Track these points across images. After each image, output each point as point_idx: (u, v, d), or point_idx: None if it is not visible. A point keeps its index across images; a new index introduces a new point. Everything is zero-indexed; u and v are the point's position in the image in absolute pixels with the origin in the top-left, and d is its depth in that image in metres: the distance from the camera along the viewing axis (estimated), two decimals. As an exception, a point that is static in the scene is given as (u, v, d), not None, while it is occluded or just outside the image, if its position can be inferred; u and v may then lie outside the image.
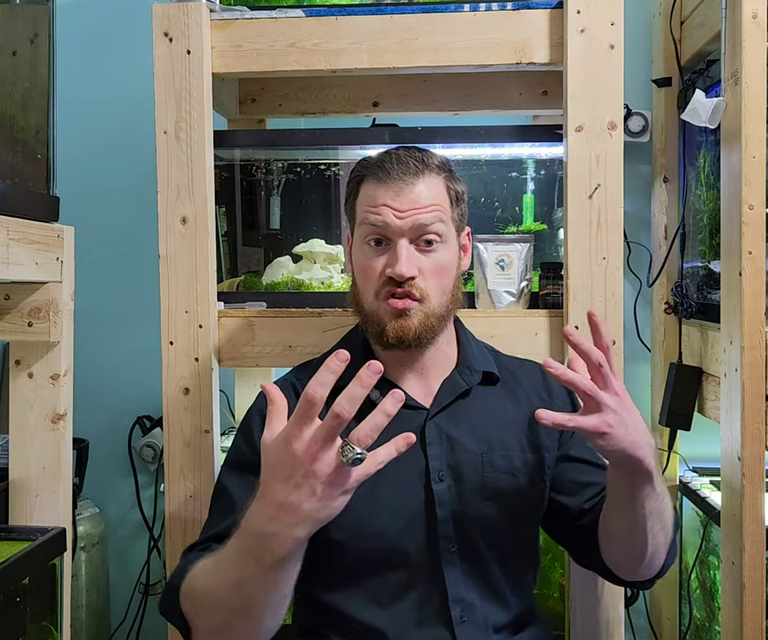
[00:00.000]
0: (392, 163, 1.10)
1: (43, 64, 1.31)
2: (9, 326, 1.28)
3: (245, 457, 1.12)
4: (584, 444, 1.18)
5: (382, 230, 1.10)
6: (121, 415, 2.04)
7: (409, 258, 1.08)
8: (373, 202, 1.10)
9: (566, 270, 1.41)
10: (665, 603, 1.90)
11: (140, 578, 2.02)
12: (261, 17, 1.44)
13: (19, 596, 1.19)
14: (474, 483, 1.11)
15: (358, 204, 1.15)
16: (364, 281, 1.13)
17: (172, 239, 1.43)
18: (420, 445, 1.11)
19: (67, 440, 1.32)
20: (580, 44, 1.38)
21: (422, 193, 1.10)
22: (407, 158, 1.11)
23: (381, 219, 1.09)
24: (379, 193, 1.10)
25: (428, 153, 1.14)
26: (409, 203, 1.09)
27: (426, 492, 1.10)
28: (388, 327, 1.10)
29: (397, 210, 1.09)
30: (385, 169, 1.10)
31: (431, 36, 1.42)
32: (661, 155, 1.88)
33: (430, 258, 1.11)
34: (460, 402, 1.16)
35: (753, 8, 1.40)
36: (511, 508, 1.11)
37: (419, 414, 1.14)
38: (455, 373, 1.18)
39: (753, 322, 1.41)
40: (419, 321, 1.09)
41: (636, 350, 1.91)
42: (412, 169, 1.10)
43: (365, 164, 1.15)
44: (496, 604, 1.11)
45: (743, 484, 1.42)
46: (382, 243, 1.11)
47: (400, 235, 1.09)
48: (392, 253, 1.09)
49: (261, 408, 1.15)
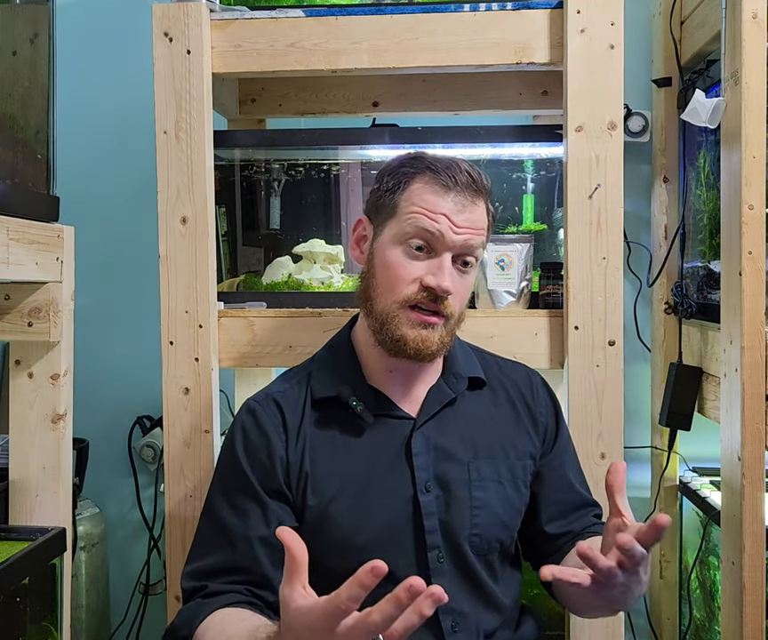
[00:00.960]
0: (462, 173, 1.06)
1: (43, 64, 1.31)
2: (9, 326, 1.28)
3: (233, 480, 1.10)
4: (568, 462, 1.20)
5: (432, 238, 1.05)
6: (121, 415, 2.03)
7: (452, 274, 1.06)
8: (432, 206, 1.05)
9: (566, 270, 1.41)
10: (665, 603, 1.90)
11: (139, 578, 2.01)
12: (261, 17, 1.44)
13: (19, 596, 1.18)
14: (461, 492, 1.10)
15: (405, 199, 1.07)
16: (389, 281, 1.07)
17: (172, 239, 1.43)
18: (406, 456, 1.10)
19: (67, 440, 1.32)
20: (580, 44, 1.38)
21: (479, 215, 1.08)
22: (474, 173, 1.07)
23: (438, 227, 1.04)
24: (439, 200, 1.05)
25: (481, 172, 1.09)
26: (468, 221, 1.06)
27: (413, 503, 1.08)
28: (409, 337, 1.06)
29: (456, 225, 1.05)
30: (453, 178, 1.05)
31: (431, 36, 1.42)
32: (661, 155, 1.88)
33: (463, 279, 1.09)
34: (446, 409, 1.14)
35: (753, 8, 1.40)
36: (498, 515, 1.11)
37: (405, 424, 1.12)
38: (441, 381, 1.16)
39: (753, 322, 1.41)
40: (440, 337, 1.07)
41: (636, 350, 1.91)
42: (475, 187, 1.07)
43: (427, 163, 1.07)
44: (487, 609, 1.11)
45: (743, 483, 1.42)
46: (423, 250, 1.06)
47: (449, 249, 1.06)
48: (435, 265, 1.05)
49: (242, 428, 1.12)
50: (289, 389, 1.16)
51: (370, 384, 1.13)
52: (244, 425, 1.12)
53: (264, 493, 1.07)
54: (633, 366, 1.91)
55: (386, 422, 1.12)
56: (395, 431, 1.11)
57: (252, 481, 1.08)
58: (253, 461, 1.09)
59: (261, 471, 1.08)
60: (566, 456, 1.22)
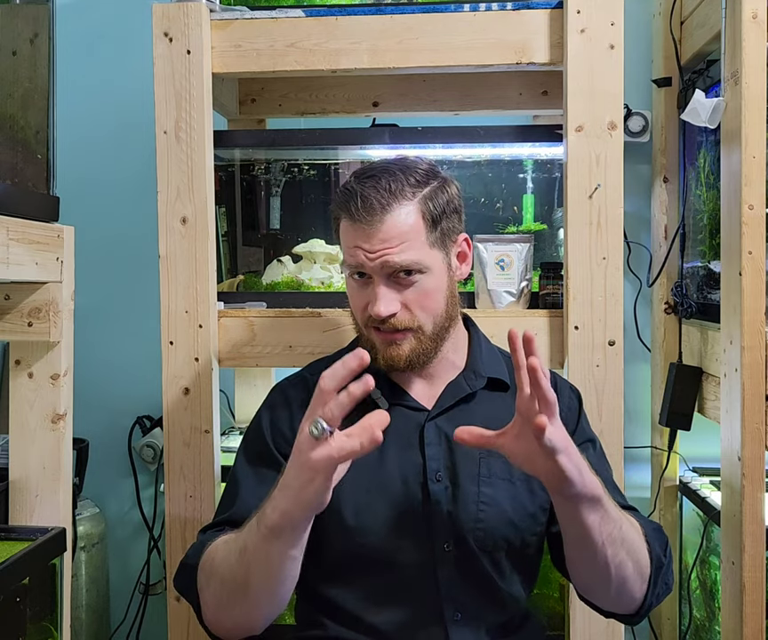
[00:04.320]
0: (357, 203, 1.07)
1: (43, 64, 1.31)
2: (9, 326, 1.27)
3: (254, 447, 1.16)
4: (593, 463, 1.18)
5: (360, 269, 1.09)
6: (121, 415, 2.03)
7: (385, 296, 1.07)
8: (348, 243, 1.09)
9: (566, 270, 1.41)
10: (665, 603, 1.89)
11: (139, 578, 2.01)
12: (261, 17, 1.44)
13: (19, 596, 1.18)
14: (469, 486, 1.11)
15: (341, 237, 1.13)
16: (353, 308, 1.15)
17: (172, 239, 1.43)
18: (419, 445, 1.12)
19: (67, 440, 1.32)
20: (580, 43, 1.38)
21: (391, 230, 1.06)
22: (371, 196, 1.06)
23: (355, 260, 1.08)
24: (349, 234, 1.09)
25: (399, 176, 1.08)
26: (378, 242, 1.06)
27: (423, 491, 1.10)
28: (379, 355, 1.10)
29: (368, 251, 1.07)
30: (350, 210, 1.07)
31: (431, 36, 1.42)
32: (661, 155, 1.88)
33: (413, 289, 1.09)
34: (462, 405, 1.15)
35: (753, 8, 1.40)
36: (506, 513, 1.11)
37: (419, 415, 1.14)
38: (460, 378, 1.17)
39: (753, 322, 1.41)
40: (410, 349, 1.10)
41: (636, 350, 1.91)
42: (377, 207, 1.06)
43: (338, 198, 1.11)
44: (491, 604, 1.11)
45: (743, 483, 1.42)
46: (365, 276, 1.10)
47: (376, 273, 1.08)
48: (371, 291, 1.09)
49: (271, 403, 1.19)
50: (319, 372, 1.19)
51: (389, 377, 1.16)
52: (273, 400, 1.20)
53: (281, 458, 1.11)
54: (633, 366, 1.91)
55: (401, 411, 1.14)
56: (409, 420, 1.13)
57: (273, 449, 1.13)
58: (275, 430, 1.15)
59: (281, 441, 1.13)
60: (586, 453, 1.20)
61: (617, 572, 1.00)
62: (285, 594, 0.99)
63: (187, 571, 1.06)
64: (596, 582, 1.06)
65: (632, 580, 1.03)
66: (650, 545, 1.05)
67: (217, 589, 1.00)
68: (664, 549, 1.08)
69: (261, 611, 1.00)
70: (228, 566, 0.98)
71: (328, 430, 0.84)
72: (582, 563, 1.05)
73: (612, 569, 1.00)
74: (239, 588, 0.97)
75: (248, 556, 0.95)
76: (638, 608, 1.06)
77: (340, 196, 1.12)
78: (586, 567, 1.04)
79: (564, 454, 0.90)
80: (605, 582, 1.03)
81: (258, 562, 0.94)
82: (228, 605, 0.99)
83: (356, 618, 1.09)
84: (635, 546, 1.02)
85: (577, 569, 1.08)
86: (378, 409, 1.12)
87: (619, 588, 1.03)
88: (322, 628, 1.12)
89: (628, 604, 1.06)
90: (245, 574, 0.95)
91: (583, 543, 0.99)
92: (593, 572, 1.03)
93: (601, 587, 1.05)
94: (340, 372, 0.85)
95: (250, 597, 0.97)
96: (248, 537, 0.95)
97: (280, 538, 0.91)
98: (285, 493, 0.90)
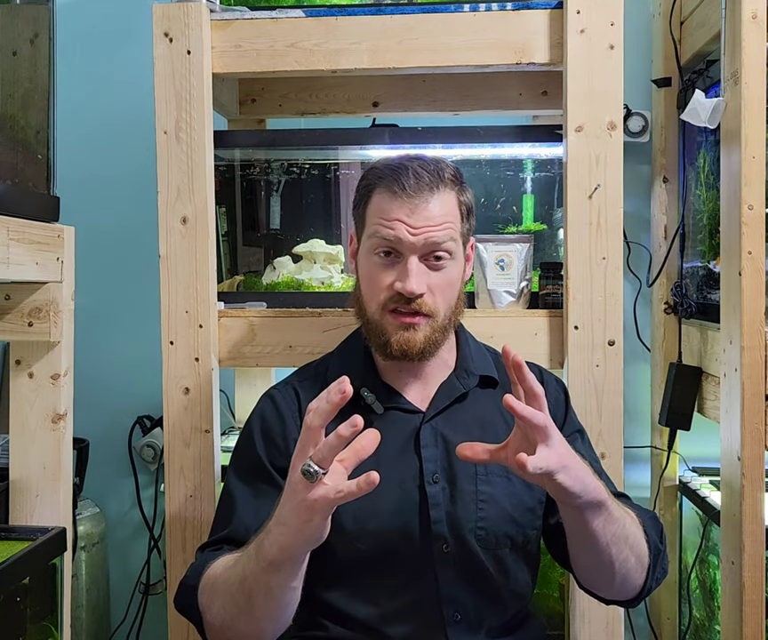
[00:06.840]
0: (408, 176, 1.08)
1: (43, 64, 1.31)
2: (9, 326, 1.28)
3: (248, 460, 1.15)
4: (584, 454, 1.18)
5: (394, 244, 1.09)
6: (121, 415, 2.03)
7: (419, 275, 1.08)
8: (387, 215, 1.09)
9: (566, 270, 1.41)
10: (665, 602, 1.90)
11: (140, 578, 2.01)
12: (261, 17, 1.44)
13: (19, 596, 1.18)
14: (467, 485, 1.11)
15: (369, 212, 1.12)
16: (369, 290, 1.13)
17: (172, 239, 1.43)
18: (415, 448, 1.12)
19: (67, 440, 1.32)
20: (579, 44, 1.38)
21: (436, 209, 1.08)
22: (422, 172, 1.08)
23: (394, 233, 1.07)
24: (393, 207, 1.08)
25: (441, 165, 1.12)
26: (423, 219, 1.07)
27: (420, 493, 1.10)
28: (392, 339, 1.10)
29: (411, 226, 1.07)
30: (400, 182, 1.08)
31: (431, 36, 1.42)
32: (661, 155, 1.88)
33: (439, 274, 1.10)
34: (456, 405, 1.16)
35: (753, 8, 1.40)
36: (505, 510, 1.11)
37: (415, 417, 1.14)
38: (452, 377, 1.18)
39: (753, 322, 1.41)
40: (424, 336, 1.10)
41: (636, 350, 1.91)
42: (428, 184, 1.08)
43: (379, 173, 1.12)
44: (492, 605, 1.11)
45: (743, 483, 1.42)
46: (391, 255, 1.10)
47: (412, 251, 1.08)
48: (402, 269, 1.08)
49: (261, 413, 1.18)
50: (307, 379, 1.21)
51: (382, 380, 1.16)
52: (263, 409, 1.19)
53: (275, 473, 1.11)
54: (633, 366, 1.91)
55: (396, 415, 1.14)
56: (404, 423, 1.14)
57: (264, 461, 1.13)
58: (268, 441, 1.14)
59: (274, 451, 1.13)
60: (575, 443, 1.21)
61: (620, 567, 1.02)
62: (289, 615, 1.00)
63: (187, 591, 1.05)
64: (599, 577, 1.08)
65: (633, 571, 1.05)
66: (647, 534, 1.07)
67: (220, 612, 1.00)
68: (660, 536, 1.10)
69: (267, 629, 0.99)
70: (229, 593, 0.98)
71: (321, 472, 0.84)
72: (587, 561, 1.06)
73: (615, 565, 1.02)
74: (242, 613, 0.97)
75: (248, 585, 0.94)
76: (638, 593, 1.09)
77: (382, 169, 1.11)
78: (590, 565, 1.06)
79: (561, 473, 0.91)
80: (609, 577, 1.04)
81: (259, 591, 0.94)
82: (234, 625, 0.99)
83: (356, 620, 1.09)
84: (636, 540, 1.04)
85: (581, 566, 1.09)
86: (372, 412, 1.14)
87: (621, 580, 1.05)
88: (322, 629, 1.12)
89: (630, 592, 1.08)
90: (247, 601, 0.95)
91: (588, 544, 1.01)
92: (597, 568, 1.05)
93: (604, 581, 1.07)
94: (325, 407, 0.84)
95: (254, 617, 0.97)
96: (247, 566, 0.95)
97: (281, 571, 0.91)
98: (283, 530, 0.89)
